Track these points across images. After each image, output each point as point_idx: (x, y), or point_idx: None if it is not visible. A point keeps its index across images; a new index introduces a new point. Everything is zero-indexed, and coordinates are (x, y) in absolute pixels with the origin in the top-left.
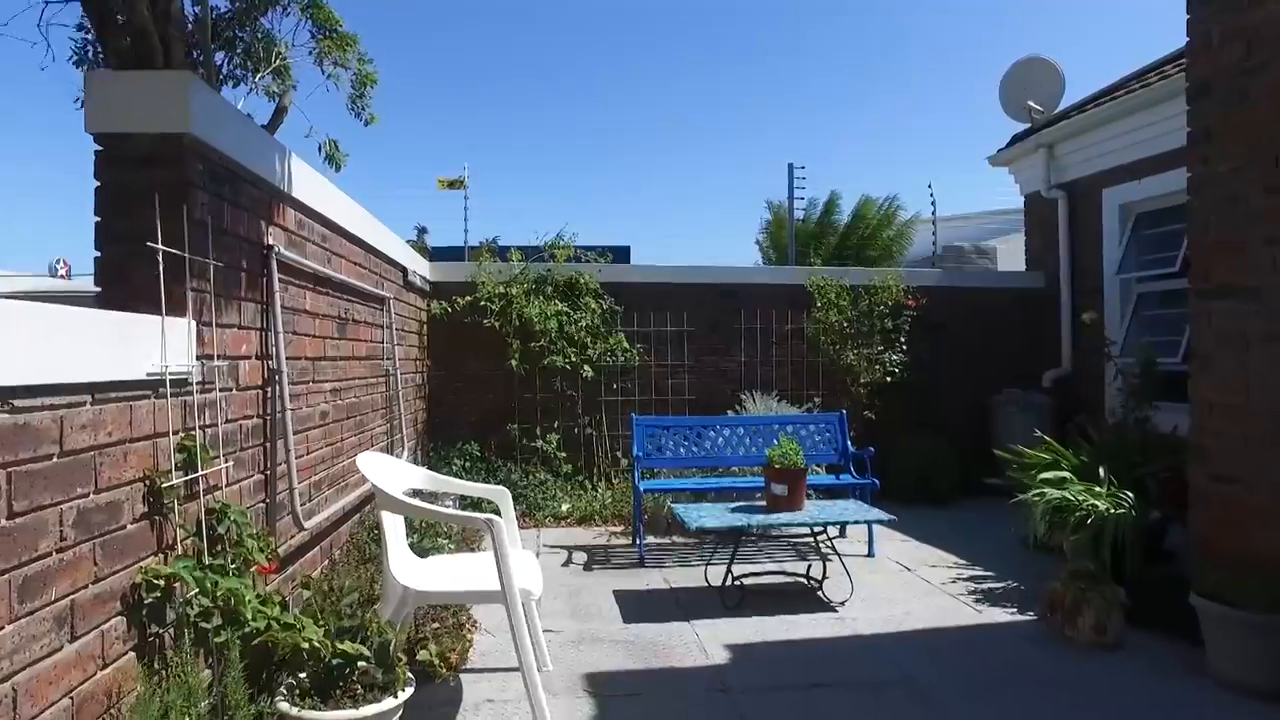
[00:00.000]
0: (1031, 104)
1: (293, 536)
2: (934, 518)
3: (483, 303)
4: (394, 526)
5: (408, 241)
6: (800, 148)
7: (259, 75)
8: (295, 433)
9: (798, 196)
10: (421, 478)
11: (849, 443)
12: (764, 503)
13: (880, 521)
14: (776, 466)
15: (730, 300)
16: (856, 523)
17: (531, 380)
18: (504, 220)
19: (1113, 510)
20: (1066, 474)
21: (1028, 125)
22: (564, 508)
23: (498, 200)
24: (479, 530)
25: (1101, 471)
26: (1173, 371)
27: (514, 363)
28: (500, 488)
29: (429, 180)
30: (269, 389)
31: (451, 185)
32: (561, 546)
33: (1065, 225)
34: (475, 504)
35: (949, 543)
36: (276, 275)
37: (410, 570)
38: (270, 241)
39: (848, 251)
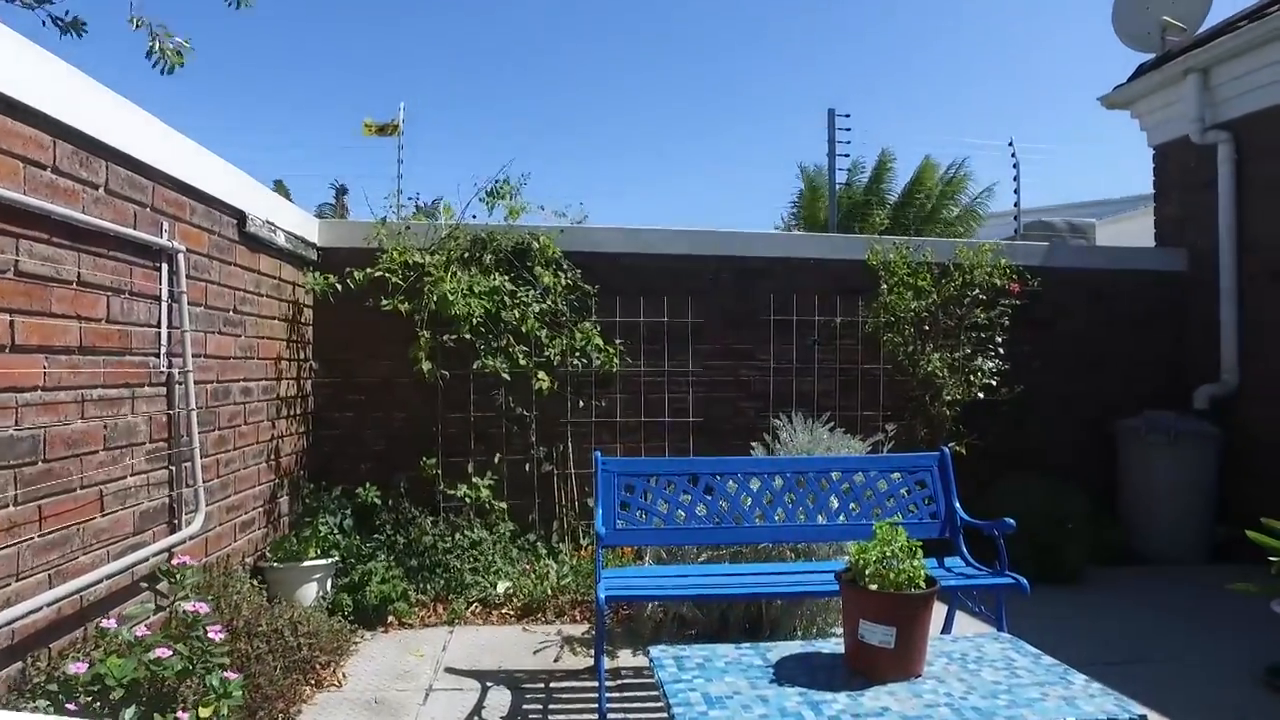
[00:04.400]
0: (1169, 19)
1: None
2: (1071, 612)
3: (385, 276)
4: None
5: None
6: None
7: None
8: None
9: (841, 154)
10: None
11: (958, 504)
12: (840, 648)
13: None
14: (873, 589)
15: (756, 281)
16: None
17: (460, 393)
18: (454, 186)
19: None
20: None
21: (1155, 55)
22: (500, 588)
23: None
24: None
25: None
26: None
27: (423, 366)
28: None
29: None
30: None
31: (381, 131)
32: (477, 673)
33: (1229, 180)
34: None
35: (1130, 676)
36: None
37: None
38: None
39: (902, 230)
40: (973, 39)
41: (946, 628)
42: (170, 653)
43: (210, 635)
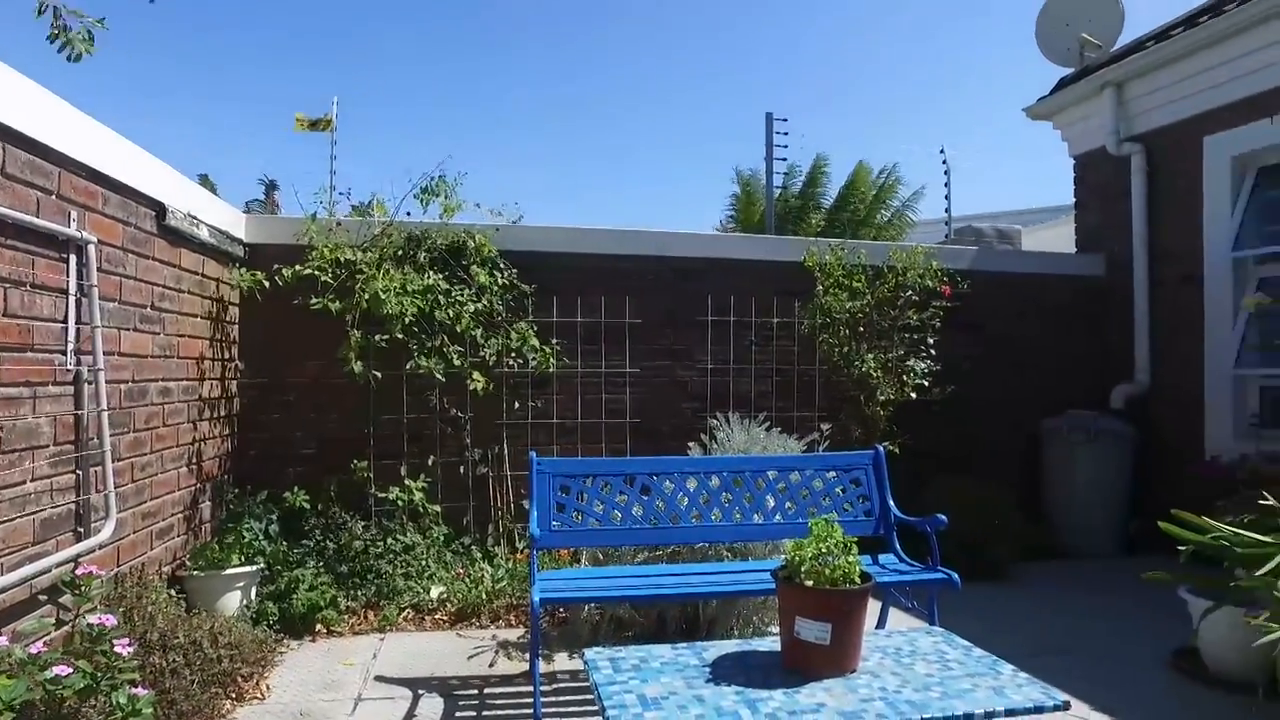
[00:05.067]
0: (1087, 36)
1: None
2: (999, 606)
3: (315, 274)
4: None
5: (248, 204)
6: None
7: None
8: None
9: (778, 158)
10: None
11: (892, 502)
12: (777, 646)
13: (1023, 711)
14: (809, 586)
15: (694, 282)
16: (988, 718)
17: (393, 394)
18: (389, 184)
19: None
20: None
21: (1075, 70)
22: (434, 594)
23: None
24: None
25: None
26: None
27: (354, 366)
28: None
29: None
30: None
31: (314, 126)
32: (408, 681)
33: (1142, 190)
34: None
35: (1051, 665)
36: None
37: None
38: None
39: (837, 233)
40: (906, 48)
41: (881, 623)
42: (71, 670)
43: (118, 650)
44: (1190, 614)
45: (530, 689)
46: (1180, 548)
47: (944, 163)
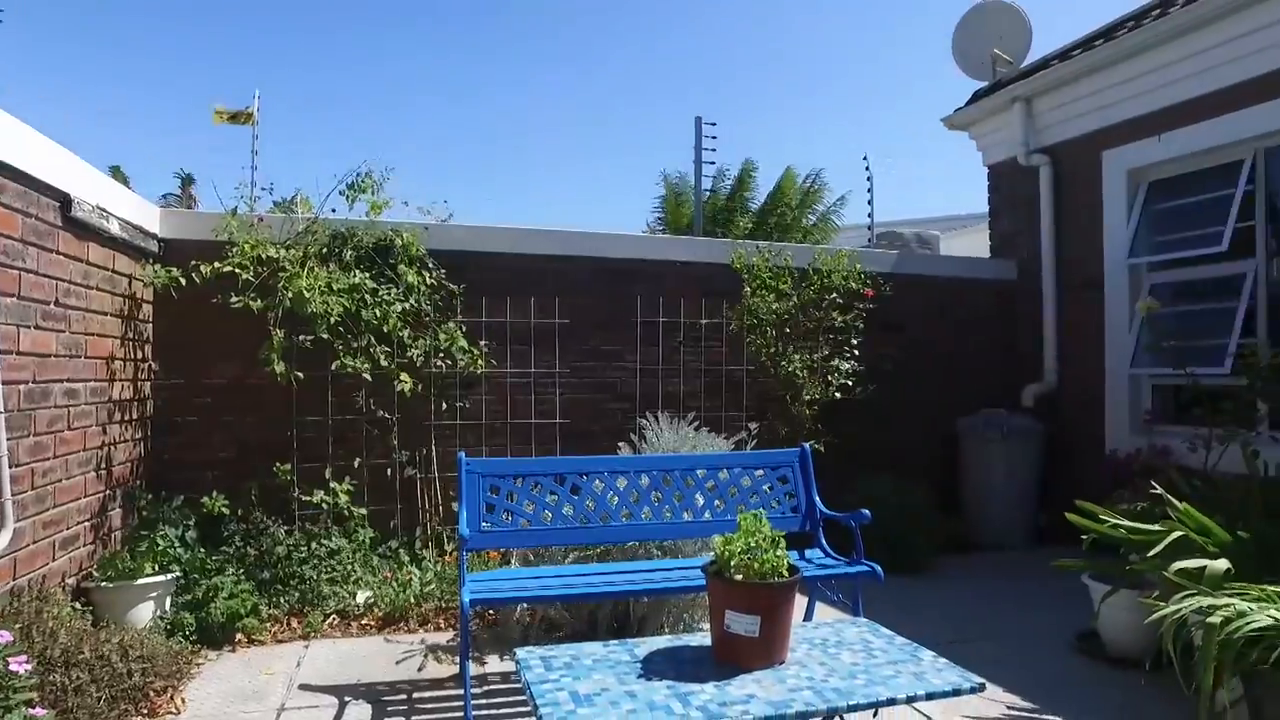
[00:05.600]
0: (998, 52)
1: None
2: (920, 597)
3: (235, 271)
4: None
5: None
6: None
7: None
8: None
9: (707, 161)
10: None
11: (818, 498)
12: (707, 641)
13: (943, 694)
14: (738, 580)
15: (624, 283)
16: (909, 701)
17: (318, 395)
18: (313, 180)
19: None
20: (1219, 561)
21: (988, 83)
22: (360, 598)
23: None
24: None
25: None
26: (1212, 387)
27: (276, 367)
28: None
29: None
30: None
31: (234, 119)
32: (334, 688)
33: (1050, 199)
34: None
35: (968, 650)
36: None
37: None
38: None
39: (764, 236)
40: (832, 56)
41: (808, 616)
42: None
43: (13, 668)
44: (1092, 598)
45: (461, 692)
46: (1084, 537)
47: (867, 169)
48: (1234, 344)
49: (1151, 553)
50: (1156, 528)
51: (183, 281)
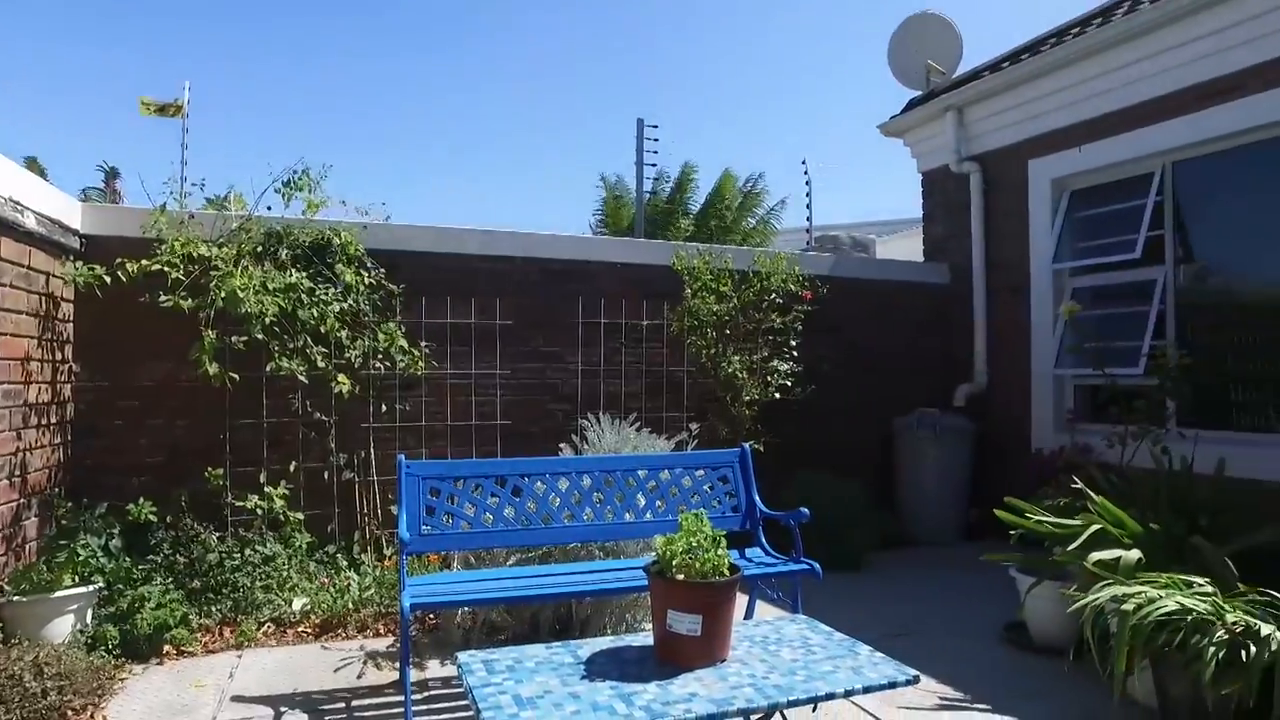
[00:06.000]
0: (931, 62)
1: None
2: (857, 593)
3: (164, 270)
4: None
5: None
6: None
7: None
8: None
9: (648, 164)
10: None
11: (758, 498)
12: (650, 641)
13: (879, 687)
14: (680, 579)
15: (565, 284)
16: (847, 695)
17: (252, 397)
18: (248, 176)
19: None
20: (1132, 551)
21: (922, 92)
22: (296, 605)
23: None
24: None
25: (1200, 549)
26: (1128, 387)
27: (208, 368)
28: None
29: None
30: None
31: (162, 111)
32: (269, 699)
33: (980, 206)
34: None
35: (903, 644)
36: None
37: None
38: None
39: (705, 239)
40: (773, 61)
41: (749, 614)
42: None
43: None
44: (1019, 590)
45: (401, 698)
46: (1011, 532)
47: (806, 174)
48: (1146, 346)
49: (1072, 546)
50: (1076, 521)
51: (107, 280)
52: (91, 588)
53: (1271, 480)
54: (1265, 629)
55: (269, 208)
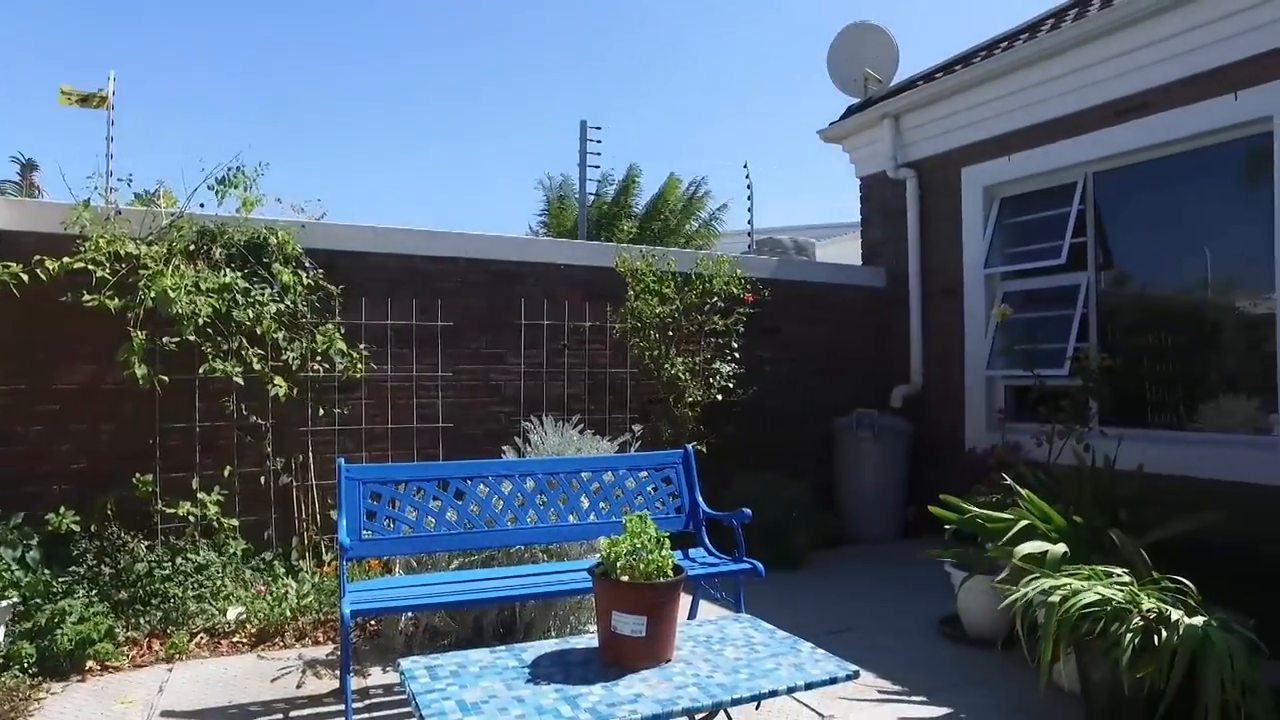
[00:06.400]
0: (869, 71)
1: None
2: (799, 591)
3: (88, 268)
4: None
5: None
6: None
7: None
8: None
9: (591, 165)
10: None
11: (701, 498)
12: (595, 643)
13: (821, 683)
14: (625, 580)
15: (508, 286)
16: (790, 692)
17: (184, 400)
18: (179, 172)
19: (1207, 629)
20: (1058, 545)
21: (860, 99)
22: (231, 615)
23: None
24: None
25: (1118, 541)
26: (1054, 388)
27: (136, 371)
28: None
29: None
30: None
31: (85, 102)
32: (201, 713)
33: (915, 211)
34: None
35: (844, 640)
36: None
37: None
38: None
39: (648, 241)
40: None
41: (692, 614)
42: None
43: None
44: (953, 585)
45: (342, 707)
46: (946, 528)
47: (747, 177)
48: (1071, 348)
49: (1001, 540)
50: (1007, 515)
51: (25, 278)
52: (5, 603)
53: (1184, 474)
54: (1175, 614)
55: (201, 205)
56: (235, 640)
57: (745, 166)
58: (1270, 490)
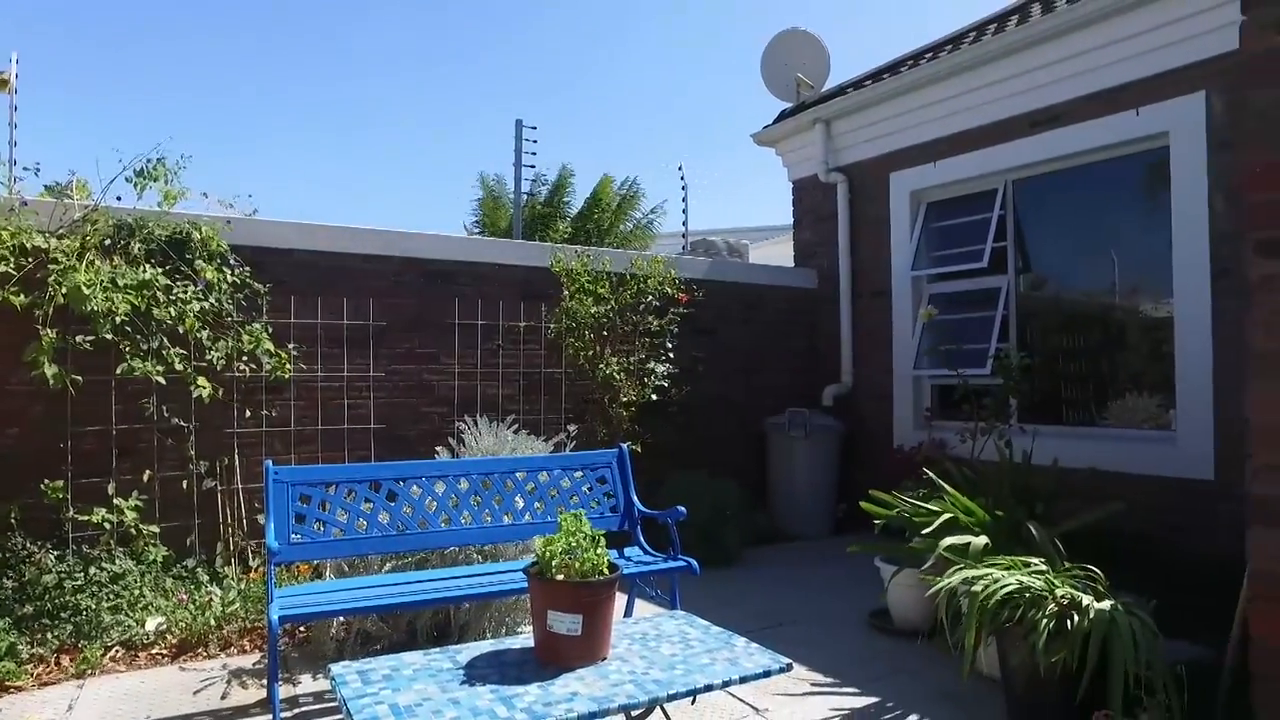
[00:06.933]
0: (801, 76)
1: None
2: (733, 587)
3: None
4: None
5: None
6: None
7: None
8: None
9: (526, 164)
10: None
11: (635, 498)
12: (530, 643)
13: (755, 677)
14: (560, 580)
15: (441, 285)
16: (725, 686)
17: (99, 402)
18: (97, 162)
19: (1114, 612)
20: (980, 537)
21: (793, 104)
22: (150, 626)
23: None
24: None
25: (1034, 532)
26: (977, 387)
27: (45, 370)
28: None
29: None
30: None
31: None
32: None
33: (845, 214)
34: None
35: (777, 634)
36: None
37: None
38: None
39: (583, 242)
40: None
41: (628, 612)
42: None
43: None
44: (883, 578)
45: (269, 717)
46: (875, 523)
47: (682, 179)
48: (993, 348)
49: (925, 532)
50: (932, 508)
51: None
52: None
53: (1094, 468)
54: (1085, 600)
55: (119, 198)
56: (155, 652)
57: (680, 169)
58: (1170, 482)
